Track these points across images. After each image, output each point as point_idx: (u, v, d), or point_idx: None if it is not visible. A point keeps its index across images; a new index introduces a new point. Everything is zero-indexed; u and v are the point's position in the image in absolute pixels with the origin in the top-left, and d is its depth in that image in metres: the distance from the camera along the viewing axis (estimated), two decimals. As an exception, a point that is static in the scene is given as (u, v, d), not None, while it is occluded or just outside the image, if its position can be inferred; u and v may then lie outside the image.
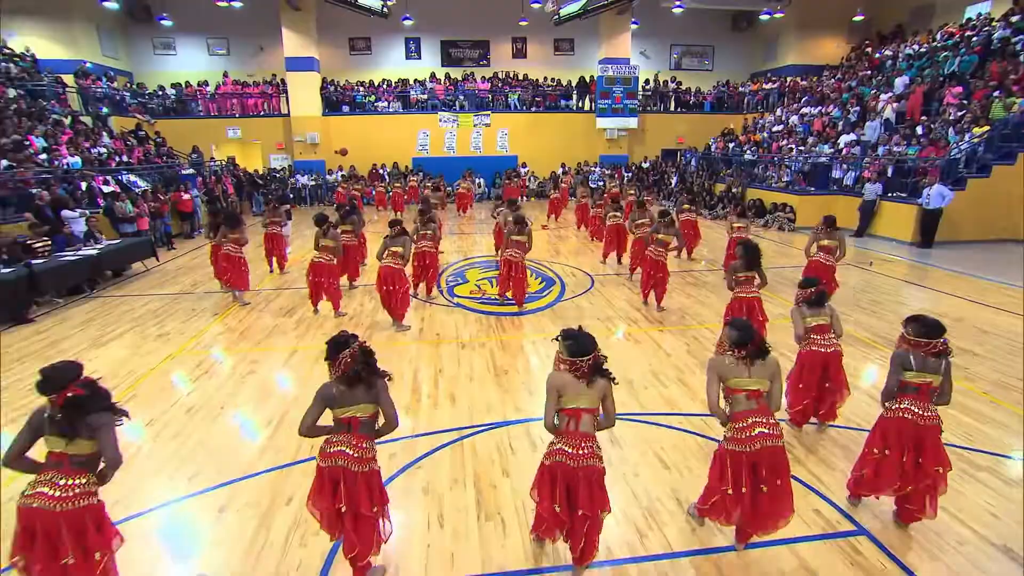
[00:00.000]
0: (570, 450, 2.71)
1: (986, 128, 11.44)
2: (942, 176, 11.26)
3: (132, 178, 12.66)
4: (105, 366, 5.68)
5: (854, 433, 4.21)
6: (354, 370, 2.64)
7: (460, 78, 21.43)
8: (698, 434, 4.24)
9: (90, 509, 2.48)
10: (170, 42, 19.73)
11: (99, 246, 9.06)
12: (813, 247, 6.88)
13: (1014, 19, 14.49)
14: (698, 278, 9.14)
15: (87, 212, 9.98)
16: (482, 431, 4.33)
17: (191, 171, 15.24)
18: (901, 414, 3.10)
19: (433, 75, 21.28)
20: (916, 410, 3.06)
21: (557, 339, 2.77)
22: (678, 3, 18.89)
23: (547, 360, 5.71)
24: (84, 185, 11.15)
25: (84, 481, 2.45)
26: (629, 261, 9.15)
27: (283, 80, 19.12)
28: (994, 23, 14.92)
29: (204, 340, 6.45)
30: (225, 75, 19.65)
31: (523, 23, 20.67)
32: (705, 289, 8.40)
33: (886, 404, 3.20)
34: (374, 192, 17.52)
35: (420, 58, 21.78)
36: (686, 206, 10.13)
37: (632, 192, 13.38)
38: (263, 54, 20.29)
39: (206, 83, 19.31)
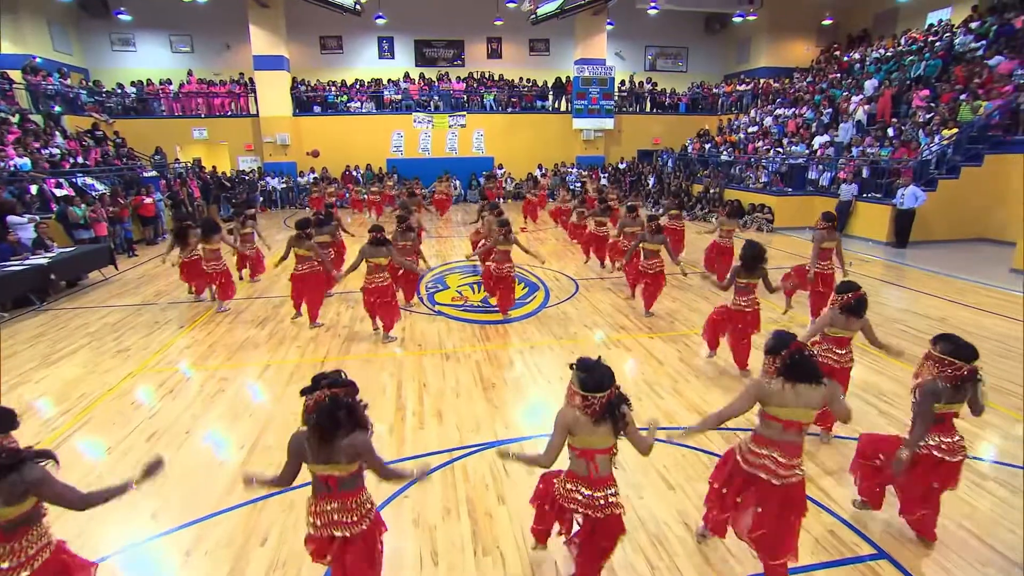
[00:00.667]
0: (587, 501, 2.51)
1: (954, 130, 11.69)
2: (915, 177, 11.46)
3: (89, 181, 11.94)
4: (56, 387, 5.21)
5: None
6: (311, 418, 2.22)
7: (435, 78, 21.09)
8: (700, 450, 4.06)
9: (47, 565, 2.17)
10: (129, 38, 18.83)
11: (50, 254, 8.44)
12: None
13: (973, 25, 14.96)
14: (682, 281, 9.01)
15: (36, 217, 9.32)
16: (473, 452, 4.06)
17: (154, 173, 14.52)
18: (925, 450, 2.93)
19: (407, 75, 20.88)
20: (943, 444, 2.88)
21: (572, 367, 2.52)
22: (653, 4, 18.94)
23: (535, 371, 5.49)
24: (34, 188, 10.45)
25: (29, 540, 2.13)
26: (624, 268, 8.89)
27: (251, 79, 18.43)
28: (955, 29, 15.38)
29: (168, 356, 6.00)
30: (189, 73, 18.88)
31: (498, 23, 20.47)
32: (691, 292, 8.29)
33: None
34: (348, 195, 17.02)
35: (393, 58, 21.36)
36: (673, 211, 9.87)
37: (614, 195, 13.27)
38: (229, 52, 19.57)
39: (169, 81, 18.50)
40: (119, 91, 17.78)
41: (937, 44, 15.31)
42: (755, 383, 2.68)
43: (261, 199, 17.44)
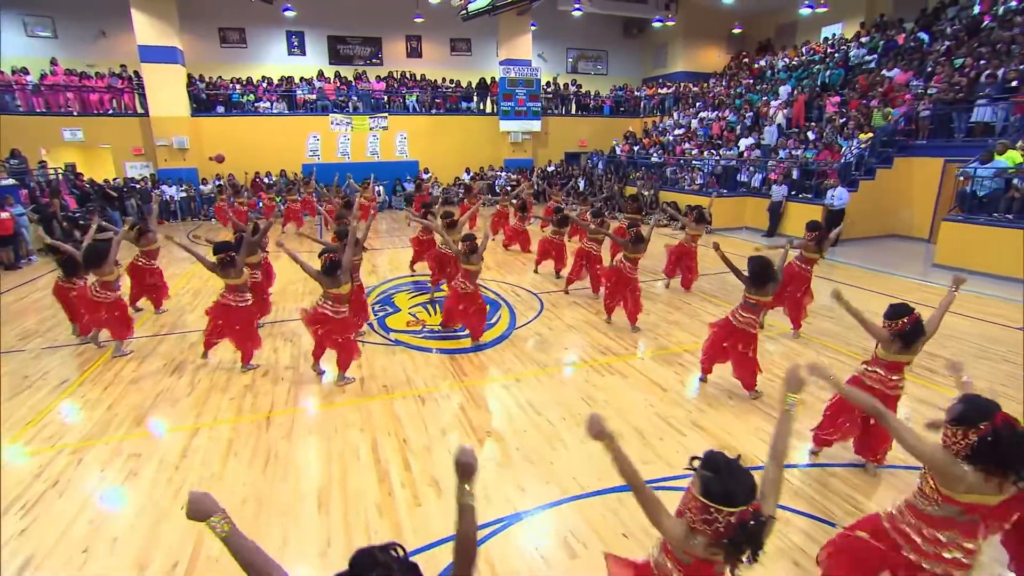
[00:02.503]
0: None
1: (870, 135, 12.48)
2: (840, 178, 12.08)
3: (-82, 194, 9.51)
4: None
5: (910, 474, 3.77)
6: None
7: (351, 77, 19.63)
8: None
9: None
10: (-35, 17, 15.63)
11: None
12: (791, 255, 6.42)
13: (864, 40, 16.30)
14: (645, 290, 8.65)
15: None
16: (493, 532, 3.25)
17: (11, 181, 11.98)
18: None
19: (321, 73, 19.26)
20: None
21: (693, 464, 1.81)
22: (577, 5, 18.85)
23: (531, 411, 4.73)
24: None
25: None
26: (568, 274, 8.44)
27: (137, 73, 15.99)
28: (849, 43, 16.69)
29: (46, 428, 4.55)
30: (54, 63, 16.00)
31: (418, 20, 19.44)
32: (660, 303, 7.95)
33: None
34: (261, 204, 15.20)
35: (304, 54, 19.63)
36: (634, 216, 9.53)
37: (559, 198, 12.85)
38: (106, 40, 16.90)
39: (25, 71, 15.50)
40: (-45, 81, 14.66)
41: (836, 55, 16.51)
42: (946, 457, 2.07)
43: (156, 210, 15.10)
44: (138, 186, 15.06)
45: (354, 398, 4.98)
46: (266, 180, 17.07)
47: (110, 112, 16.07)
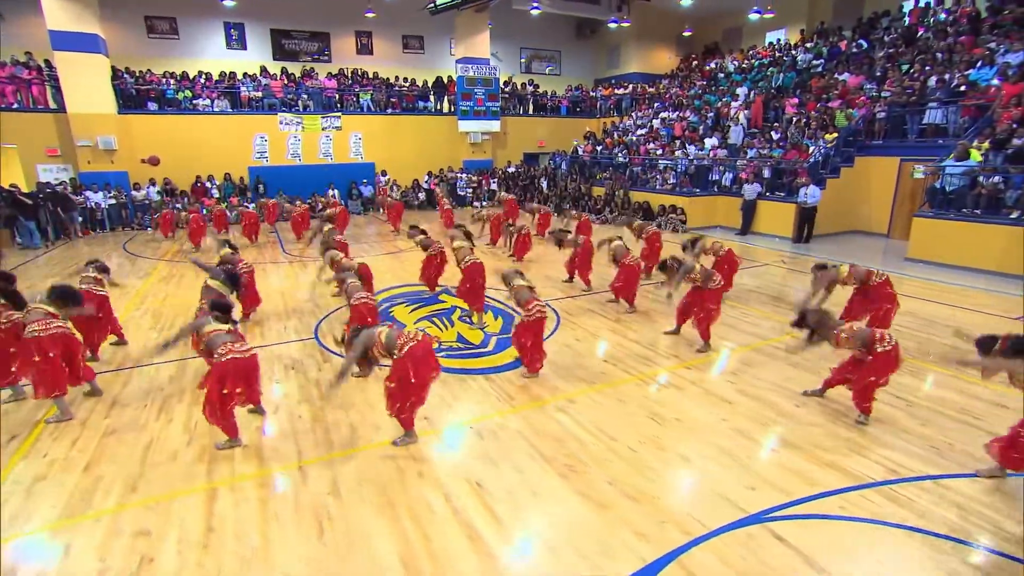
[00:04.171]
0: None
1: (835, 135, 12.98)
2: (810, 176, 12.46)
3: None
4: None
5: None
6: None
7: (298, 74, 18.32)
8: (909, 528, 3.23)
9: None
10: None
11: None
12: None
13: (809, 45, 17.11)
14: (651, 293, 8.43)
15: None
16: (632, 598, 2.75)
17: None
18: None
19: (264, 69, 17.82)
20: None
21: None
22: (535, 4, 18.57)
23: (601, 435, 4.25)
24: None
25: None
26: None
27: (48, 62, 14.00)
28: (795, 47, 17.48)
29: (6, 507, 3.56)
30: (-61, 50, 13.76)
31: (369, 15, 18.46)
32: (673, 308, 7.68)
33: None
34: (206, 213, 13.74)
35: (245, 48, 18.12)
36: (638, 223, 9.38)
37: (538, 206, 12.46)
38: (5, 24, 14.70)
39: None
40: None
41: (785, 59, 17.22)
42: None
43: (81, 219, 13.29)
44: (59, 191, 13.13)
45: (396, 434, 4.29)
46: (207, 185, 15.51)
47: (15, 107, 13.96)
